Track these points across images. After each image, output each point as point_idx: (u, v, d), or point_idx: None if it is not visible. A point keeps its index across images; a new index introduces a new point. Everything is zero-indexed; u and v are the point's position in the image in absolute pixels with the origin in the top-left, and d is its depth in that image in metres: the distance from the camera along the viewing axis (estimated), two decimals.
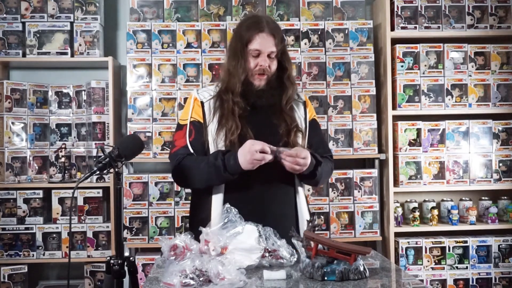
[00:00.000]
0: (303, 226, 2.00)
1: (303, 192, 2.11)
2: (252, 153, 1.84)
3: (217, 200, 1.98)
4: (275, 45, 1.99)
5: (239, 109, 1.98)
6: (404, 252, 3.28)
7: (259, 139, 1.92)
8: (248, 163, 1.86)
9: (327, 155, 2.17)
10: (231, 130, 1.96)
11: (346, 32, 3.31)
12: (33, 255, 3.23)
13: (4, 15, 3.31)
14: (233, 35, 2.12)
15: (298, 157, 1.88)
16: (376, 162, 3.34)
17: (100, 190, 3.26)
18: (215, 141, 2.00)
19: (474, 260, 3.30)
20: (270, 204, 2.00)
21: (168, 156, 2.12)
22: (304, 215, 2.05)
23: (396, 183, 3.33)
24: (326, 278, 1.56)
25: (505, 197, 3.43)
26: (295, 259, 1.72)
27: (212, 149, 2.01)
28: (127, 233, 3.15)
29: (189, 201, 3.23)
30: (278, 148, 1.89)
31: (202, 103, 2.06)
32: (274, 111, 2.03)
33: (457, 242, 3.30)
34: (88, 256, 3.25)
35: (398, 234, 3.32)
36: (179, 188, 3.19)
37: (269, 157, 1.87)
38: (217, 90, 2.08)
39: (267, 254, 1.71)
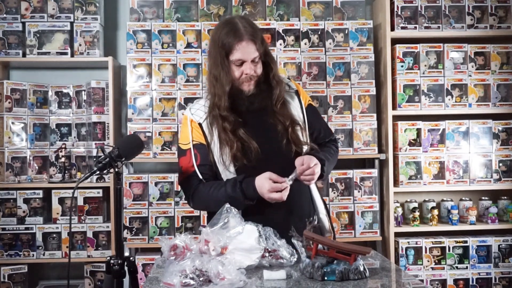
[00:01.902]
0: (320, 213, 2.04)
1: (315, 187, 2.08)
2: (268, 194, 1.82)
3: None
4: (256, 50, 1.93)
5: (228, 123, 1.94)
6: (404, 252, 3.28)
7: (260, 143, 1.91)
8: (266, 198, 1.84)
9: (330, 139, 2.15)
10: (230, 145, 1.92)
11: (346, 32, 3.31)
12: (33, 255, 3.23)
13: (4, 15, 3.31)
14: (211, 42, 2.05)
15: (310, 166, 1.85)
16: (376, 162, 3.34)
17: (100, 190, 3.26)
18: (221, 159, 1.95)
19: (474, 260, 3.30)
20: (287, 212, 1.93)
21: (178, 182, 2.09)
22: (319, 207, 2.05)
23: (396, 183, 3.33)
24: (326, 278, 1.56)
25: (505, 197, 3.43)
26: (295, 259, 1.72)
27: (220, 169, 1.96)
28: (127, 233, 3.15)
29: None
30: (290, 177, 1.85)
31: (200, 124, 2.00)
32: (268, 112, 2.00)
33: (457, 242, 3.30)
34: (88, 256, 3.25)
35: (398, 234, 3.32)
36: (179, 188, 3.18)
37: (285, 193, 1.83)
38: (207, 105, 2.03)
39: (267, 254, 1.71)
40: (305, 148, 2.02)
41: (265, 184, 1.81)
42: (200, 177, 1.95)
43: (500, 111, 3.38)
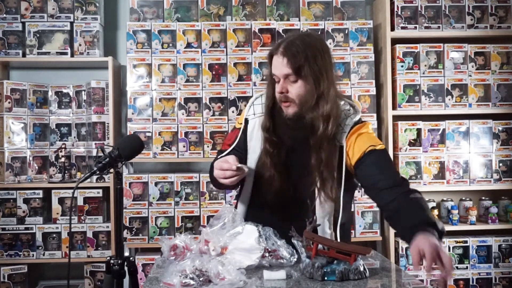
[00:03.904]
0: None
1: (328, 228, 1.82)
2: (215, 172, 1.73)
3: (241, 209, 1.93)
4: (287, 65, 1.69)
5: (269, 146, 1.79)
6: (404, 252, 3.28)
7: (291, 181, 1.78)
8: (217, 179, 1.74)
9: (402, 185, 1.71)
10: (263, 166, 1.82)
11: (346, 32, 3.31)
12: (33, 255, 3.23)
13: (4, 15, 3.31)
14: None
15: (448, 267, 1.43)
16: None
17: (100, 190, 3.26)
18: (253, 164, 1.87)
19: (474, 260, 3.30)
20: (291, 219, 1.76)
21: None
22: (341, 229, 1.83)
23: None
24: (326, 278, 1.55)
25: (505, 197, 3.43)
26: (295, 259, 1.72)
27: (249, 161, 1.89)
28: (127, 233, 3.15)
29: (189, 201, 3.25)
30: (246, 166, 1.73)
31: (246, 120, 1.90)
32: (307, 146, 1.75)
33: (457, 242, 3.30)
34: (88, 256, 3.25)
35: (398, 234, 3.32)
36: (179, 188, 3.19)
37: (231, 179, 1.70)
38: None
39: (267, 254, 1.70)
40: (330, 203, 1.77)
41: (215, 164, 1.75)
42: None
43: (500, 111, 3.38)
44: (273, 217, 1.83)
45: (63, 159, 3.28)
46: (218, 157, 1.90)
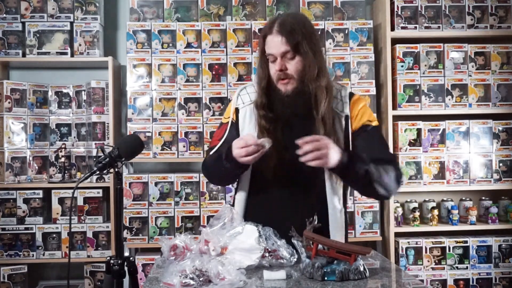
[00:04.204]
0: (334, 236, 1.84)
1: (339, 204, 1.85)
2: (235, 151, 1.72)
3: (238, 211, 1.91)
4: (285, 43, 1.74)
5: (266, 122, 1.81)
6: (404, 252, 3.28)
7: (287, 154, 1.76)
8: (240, 161, 1.73)
9: (384, 159, 1.83)
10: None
11: (346, 32, 3.31)
12: (33, 255, 3.23)
13: (4, 15, 3.31)
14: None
15: (315, 140, 1.63)
16: None
17: (100, 190, 3.26)
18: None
19: (474, 260, 3.29)
20: (294, 216, 1.79)
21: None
22: (336, 228, 1.84)
23: None
24: (326, 278, 1.55)
25: (506, 197, 3.43)
26: (295, 259, 1.72)
27: None
28: (127, 233, 3.15)
29: (189, 201, 3.25)
30: (266, 139, 1.71)
31: (237, 109, 1.92)
32: (309, 119, 1.78)
33: (457, 242, 3.30)
34: (88, 256, 3.25)
35: (398, 234, 3.32)
36: (179, 188, 3.19)
37: (253, 156, 1.69)
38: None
39: (267, 254, 1.70)
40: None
41: (234, 143, 1.73)
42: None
43: (500, 111, 3.38)
44: (276, 196, 1.85)
45: (63, 159, 3.28)
46: (211, 153, 1.91)
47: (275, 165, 1.80)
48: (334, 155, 1.67)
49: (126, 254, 3.09)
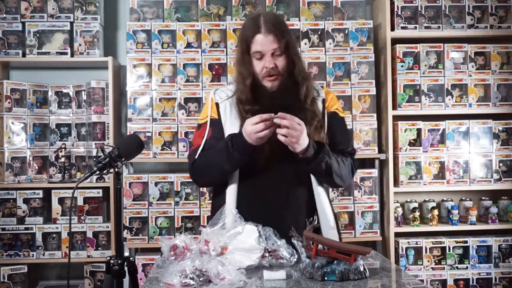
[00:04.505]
0: (325, 228, 1.92)
1: (324, 193, 1.96)
2: (249, 128, 1.78)
3: (229, 205, 1.91)
4: (275, 41, 1.86)
5: (252, 116, 1.85)
6: (404, 252, 3.28)
7: (273, 147, 1.85)
8: (252, 140, 1.79)
9: (345, 150, 2.00)
10: None
11: (346, 32, 3.31)
12: (33, 255, 3.23)
13: (4, 15, 3.31)
14: (238, 39, 2.06)
15: (292, 120, 1.76)
16: (376, 162, 3.34)
17: (100, 190, 3.26)
18: None
19: (474, 260, 3.30)
20: (284, 206, 1.91)
21: (188, 155, 2.06)
22: (327, 217, 1.93)
23: (396, 183, 3.33)
24: (326, 278, 1.55)
25: (505, 197, 3.43)
26: (295, 259, 1.72)
27: None
28: (127, 233, 3.15)
29: (189, 201, 3.25)
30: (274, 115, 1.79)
31: (217, 104, 1.99)
32: (295, 110, 1.87)
33: (457, 242, 3.30)
34: (88, 256, 3.25)
35: (398, 234, 3.32)
36: (179, 188, 3.19)
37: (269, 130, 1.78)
38: (232, 90, 2.00)
39: (267, 254, 1.71)
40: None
41: (247, 122, 1.81)
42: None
43: (500, 111, 3.38)
44: (267, 186, 1.91)
45: (63, 159, 3.28)
46: (199, 151, 1.93)
47: (264, 155, 1.88)
48: (304, 142, 1.80)
49: (126, 254, 3.09)
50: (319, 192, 1.95)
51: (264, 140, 1.80)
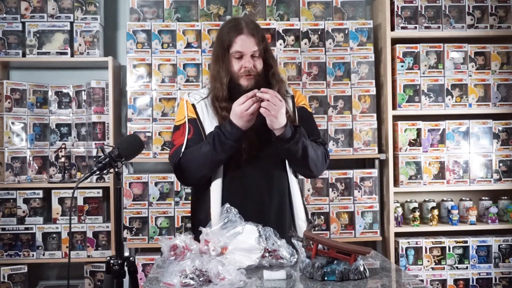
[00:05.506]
0: (299, 218, 2.05)
1: (296, 183, 2.09)
2: (238, 108, 1.88)
3: (215, 199, 1.99)
4: (256, 44, 2.00)
5: (227, 112, 1.97)
6: (404, 252, 3.28)
7: (254, 138, 1.99)
8: (243, 121, 1.90)
9: (317, 140, 2.11)
10: None
11: (346, 32, 3.31)
12: (33, 255, 3.23)
13: (4, 15, 3.31)
14: (215, 41, 2.13)
15: (274, 94, 1.88)
16: (376, 162, 3.34)
17: (100, 190, 3.26)
18: None
19: (474, 260, 3.30)
20: (268, 196, 2.03)
21: (168, 157, 2.11)
22: (297, 207, 2.06)
23: (396, 183, 3.33)
24: (326, 278, 1.56)
25: (505, 197, 3.43)
26: (295, 259, 1.72)
27: None
28: (127, 233, 3.15)
29: (189, 201, 3.24)
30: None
31: (193, 105, 2.09)
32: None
33: (457, 242, 3.30)
34: (88, 256, 3.25)
35: (398, 234, 3.32)
36: (179, 188, 3.19)
37: (253, 104, 1.89)
38: (207, 93, 2.10)
39: (267, 254, 1.71)
40: None
41: (234, 105, 1.91)
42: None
43: (500, 111, 3.38)
44: (250, 177, 2.02)
45: (63, 159, 3.28)
46: (182, 150, 2.00)
47: (246, 147, 1.99)
48: (282, 119, 1.90)
49: (126, 254, 3.09)
50: (292, 181, 2.07)
51: (253, 120, 1.91)
